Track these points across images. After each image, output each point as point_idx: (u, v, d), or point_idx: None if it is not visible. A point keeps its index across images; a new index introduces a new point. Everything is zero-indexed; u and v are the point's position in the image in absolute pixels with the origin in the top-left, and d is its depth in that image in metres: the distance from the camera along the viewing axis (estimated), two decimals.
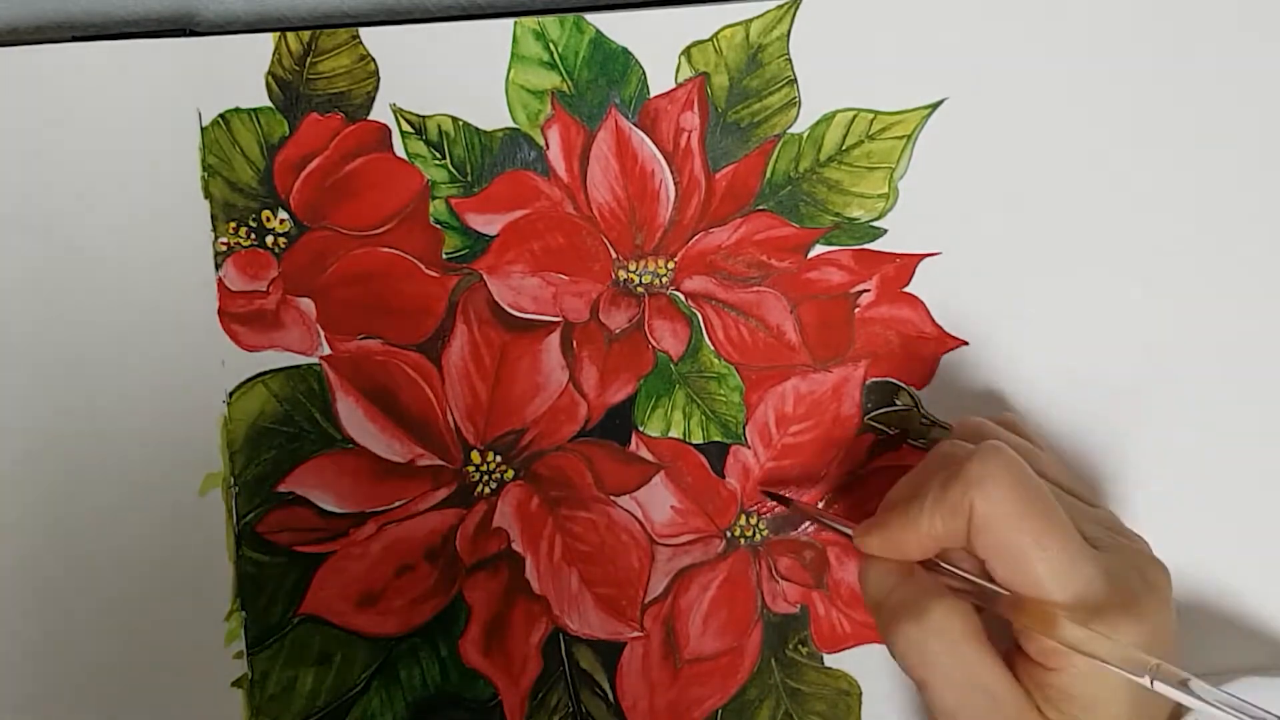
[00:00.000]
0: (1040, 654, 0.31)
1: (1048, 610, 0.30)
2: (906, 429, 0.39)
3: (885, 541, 0.33)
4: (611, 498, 0.39)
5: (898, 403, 0.39)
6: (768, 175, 0.38)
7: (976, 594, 0.32)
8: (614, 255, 0.39)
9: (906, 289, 0.39)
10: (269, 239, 0.38)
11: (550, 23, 0.38)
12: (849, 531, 0.35)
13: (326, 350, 0.38)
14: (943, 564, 0.33)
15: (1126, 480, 0.39)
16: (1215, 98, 0.39)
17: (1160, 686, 0.28)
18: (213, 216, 0.38)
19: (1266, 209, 0.39)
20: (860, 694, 0.40)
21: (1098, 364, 0.39)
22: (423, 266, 0.38)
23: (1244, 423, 0.39)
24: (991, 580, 0.32)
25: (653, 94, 0.38)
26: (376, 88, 0.38)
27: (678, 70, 0.38)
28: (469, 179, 0.38)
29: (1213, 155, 0.39)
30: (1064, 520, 0.31)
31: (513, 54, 0.38)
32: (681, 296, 0.39)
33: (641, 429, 0.39)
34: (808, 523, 0.39)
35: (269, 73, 0.38)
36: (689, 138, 0.38)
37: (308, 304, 0.38)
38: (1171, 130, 0.39)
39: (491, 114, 0.38)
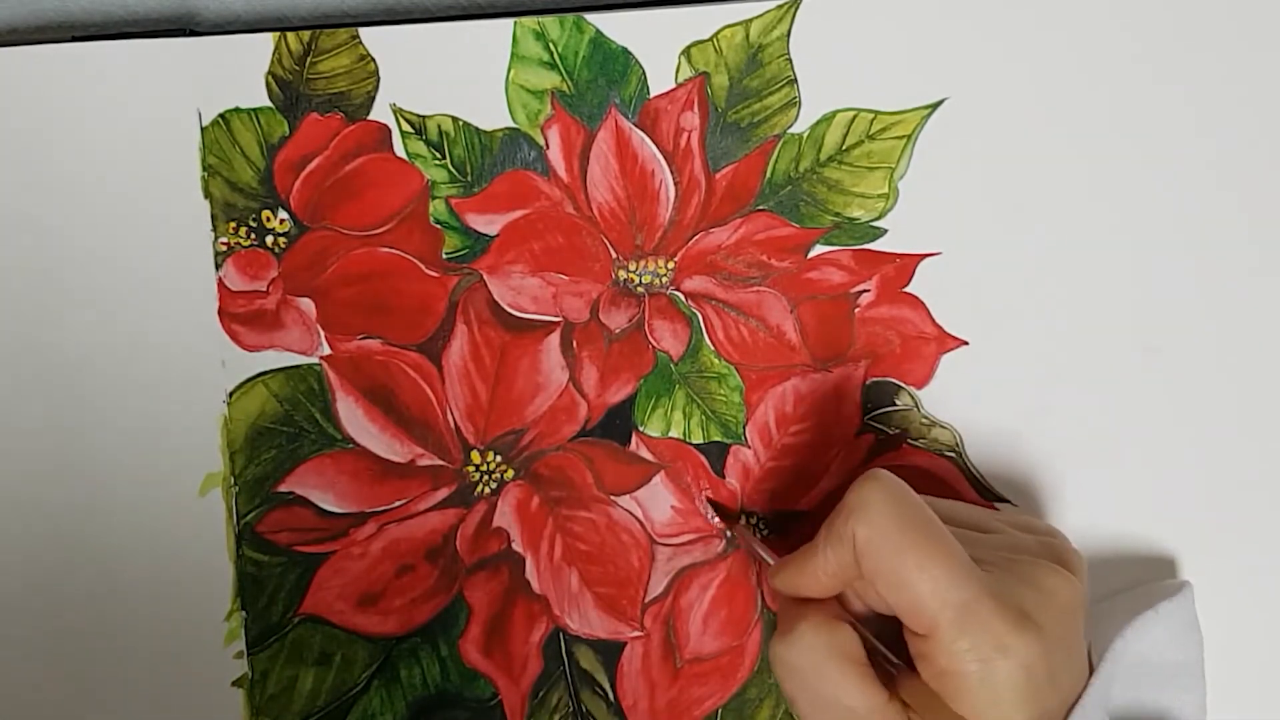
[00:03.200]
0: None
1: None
2: (906, 429, 0.39)
3: (789, 579, 0.34)
4: (611, 497, 0.39)
5: (898, 403, 0.39)
6: (768, 175, 0.38)
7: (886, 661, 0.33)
8: (614, 255, 0.39)
9: (906, 289, 0.39)
10: (269, 239, 0.38)
11: (550, 23, 0.38)
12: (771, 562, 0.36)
13: (326, 350, 0.38)
14: (859, 626, 0.33)
15: (1124, 479, 0.39)
16: (1216, 97, 0.39)
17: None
18: (213, 216, 0.38)
19: (1269, 209, 0.39)
20: None
21: (1097, 364, 0.39)
22: (423, 266, 0.38)
23: (1244, 423, 0.39)
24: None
25: (653, 94, 0.38)
26: (376, 88, 0.38)
27: (678, 70, 0.38)
28: (469, 179, 0.38)
29: (1214, 155, 0.39)
30: (947, 540, 0.31)
31: (513, 54, 0.38)
32: (681, 296, 0.39)
33: (642, 429, 0.39)
34: (808, 521, 0.39)
35: (269, 73, 0.38)
36: (689, 137, 0.38)
37: (308, 304, 0.38)
38: (1172, 130, 0.39)
39: (491, 114, 0.38)
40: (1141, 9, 0.38)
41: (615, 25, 0.38)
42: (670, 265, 0.39)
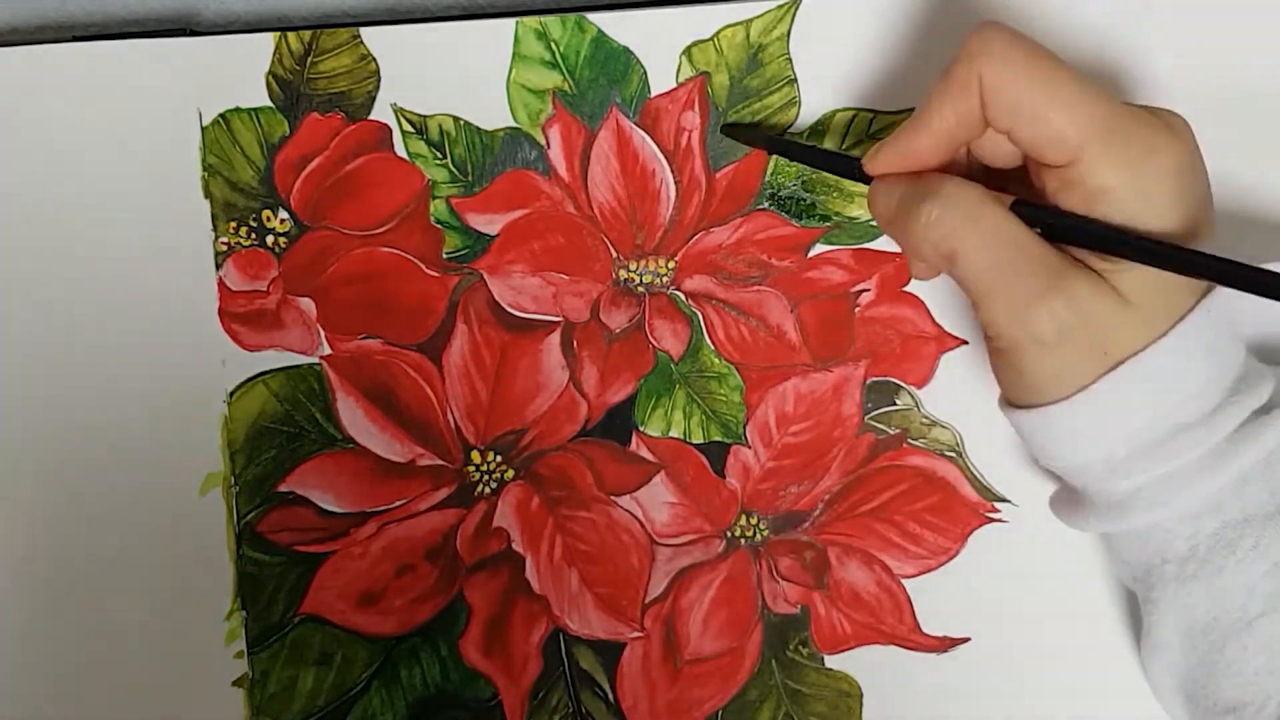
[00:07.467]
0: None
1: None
2: (906, 429, 0.39)
3: (896, 153, 0.33)
4: (612, 498, 0.39)
5: (898, 403, 0.39)
6: (768, 175, 0.38)
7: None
8: (614, 255, 0.39)
9: (906, 288, 0.39)
10: (269, 239, 0.38)
11: (552, 22, 0.38)
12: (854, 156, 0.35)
13: (327, 350, 0.38)
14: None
15: None
16: (1217, 97, 0.39)
17: None
18: (213, 216, 0.38)
19: (1272, 208, 0.39)
20: (861, 695, 0.40)
21: None
22: (423, 266, 0.38)
23: None
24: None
25: (654, 93, 0.38)
26: (377, 87, 0.38)
27: (679, 70, 0.38)
28: (470, 178, 0.38)
29: (1213, 154, 0.39)
30: (1072, 70, 0.31)
31: (514, 53, 0.38)
32: (682, 296, 0.39)
33: (642, 429, 0.39)
34: (808, 521, 0.39)
35: (269, 72, 0.38)
36: (690, 137, 0.38)
37: (308, 304, 0.38)
38: None
39: (492, 113, 0.38)
40: (1141, 8, 0.38)
41: (616, 25, 0.38)
42: (670, 265, 0.39)
